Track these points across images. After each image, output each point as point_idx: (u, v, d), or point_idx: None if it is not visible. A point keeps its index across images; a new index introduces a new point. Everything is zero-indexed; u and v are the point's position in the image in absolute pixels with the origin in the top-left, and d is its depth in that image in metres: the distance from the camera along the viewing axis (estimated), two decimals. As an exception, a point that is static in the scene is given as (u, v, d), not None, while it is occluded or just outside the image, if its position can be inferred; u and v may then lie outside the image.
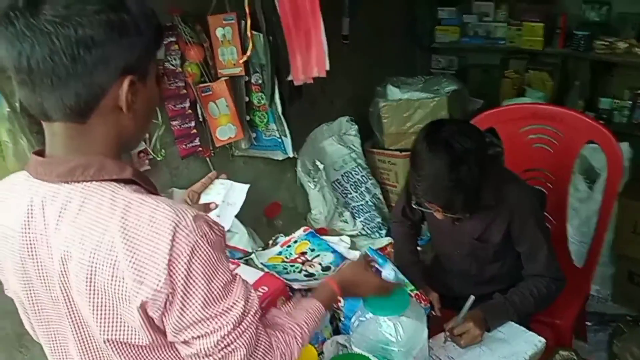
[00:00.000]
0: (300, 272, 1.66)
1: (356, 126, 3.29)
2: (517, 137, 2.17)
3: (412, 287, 1.56)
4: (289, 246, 1.77)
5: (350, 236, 3.04)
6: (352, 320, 1.35)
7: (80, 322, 0.85)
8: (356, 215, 3.16)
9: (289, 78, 2.37)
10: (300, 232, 1.82)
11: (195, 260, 0.78)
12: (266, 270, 1.64)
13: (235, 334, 0.84)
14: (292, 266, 1.68)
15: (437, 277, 1.89)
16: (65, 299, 0.84)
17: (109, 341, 0.82)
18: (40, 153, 0.86)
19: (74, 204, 0.80)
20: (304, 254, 1.73)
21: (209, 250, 0.80)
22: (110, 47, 0.76)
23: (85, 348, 0.88)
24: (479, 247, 1.73)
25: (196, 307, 0.79)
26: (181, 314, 0.79)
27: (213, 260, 0.80)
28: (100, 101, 0.79)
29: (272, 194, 3.03)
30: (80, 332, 0.86)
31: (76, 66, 0.75)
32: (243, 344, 0.85)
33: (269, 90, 2.40)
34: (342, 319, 1.53)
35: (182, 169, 2.52)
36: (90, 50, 0.75)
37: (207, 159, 2.57)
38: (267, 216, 2.94)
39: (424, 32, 4.08)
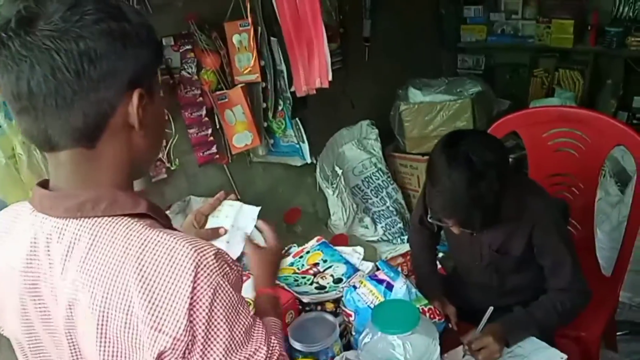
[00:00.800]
0: (311, 284, 1.63)
1: (376, 130, 3.24)
2: (541, 141, 2.09)
3: (426, 302, 1.50)
4: (301, 257, 1.74)
5: (371, 242, 3.03)
6: (361, 337, 1.31)
7: None
8: (377, 220, 3.11)
9: (292, 89, 2.34)
10: (313, 242, 1.79)
11: (217, 304, 0.71)
12: (276, 282, 1.61)
13: None
14: (303, 278, 1.65)
15: (456, 289, 1.83)
16: (70, 345, 0.78)
17: None
18: (45, 185, 0.80)
19: (82, 242, 0.74)
20: (316, 265, 1.70)
21: (231, 292, 0.73)
22: (115, 58, 0.72)
23: None
24: (498, 259, 1.67)
25: (218, 354, 0.72)
26: None
27: (234, 303, 0.74)
28: (109, 120, 0.74)
29: (292, 200, 3.01)
30: None
31: (81, 82, 0.70)
32: None
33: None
34: (353, 333, 1.48)
35: (200, 177, 2.52)
36: (94, 64, 0.70)
37: (225, 166, 2.57)
38: (287, 222, 2.92)
39: (449, 31, 4.01)
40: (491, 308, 1.50)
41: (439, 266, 2.38)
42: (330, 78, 2.15)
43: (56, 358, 0.83)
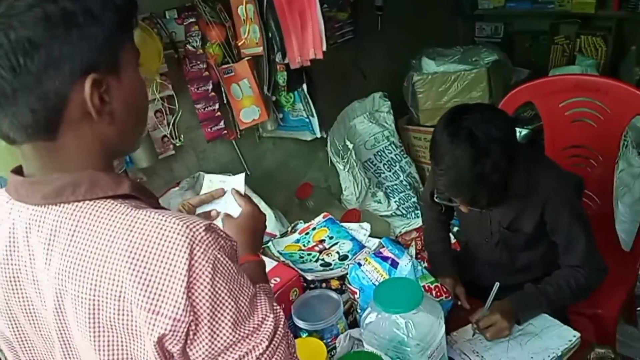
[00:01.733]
0: (317, 261, 1.60)
1: (389, 102, 3.15)
2: (558, 112, 2.00)
3: (432, 280, 1.47)
4: (307, 233, 1.72)
5: (385, 217, 2.98)
6: (363, 316, 1.28)
7: None
8: (390, 195, 3.06)
9: (285, 61, 2.26)
10: (319, 219, 1.76)
11: (219, 278, 0.68)
12: (282, 259, 1.59)
13: (271, 351, 0.74)
14: (309, 254, 1.63)
15: (468, 265, 1.79)
16: (61, 340, 0.75)
17: None
18: (19, 171, 0.75)
19: (65, 229, 0.69)
20: (322, 241, 1.67)
21: (229, 265, 0.70)
22: (57, 45, 0.64)
23: None
24: (509, 236, 1.62)
25: (227, 330, 0.69)
26: (212, 341, 0.69)
27: (234, 274, 0.71)
28: (63, 112, 0.68)
29: (303, 175, 2.98)
30: None
31: (19, 78, 0.64)
32: (280, 358, 0.75)
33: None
34: (359, 311, 1.46)
35: (209, 153, 2.49)
36: (30, 55, 0.63)
37: (234, 142, 2.54)
38: (299, 197, 2.89)
39: (466, -3, 3.87)
40: (497, 284, 1.45)
41: (454, 240, 2.33)
42: (324, 49, 2.08)
43: (45, 353, 0.81)
